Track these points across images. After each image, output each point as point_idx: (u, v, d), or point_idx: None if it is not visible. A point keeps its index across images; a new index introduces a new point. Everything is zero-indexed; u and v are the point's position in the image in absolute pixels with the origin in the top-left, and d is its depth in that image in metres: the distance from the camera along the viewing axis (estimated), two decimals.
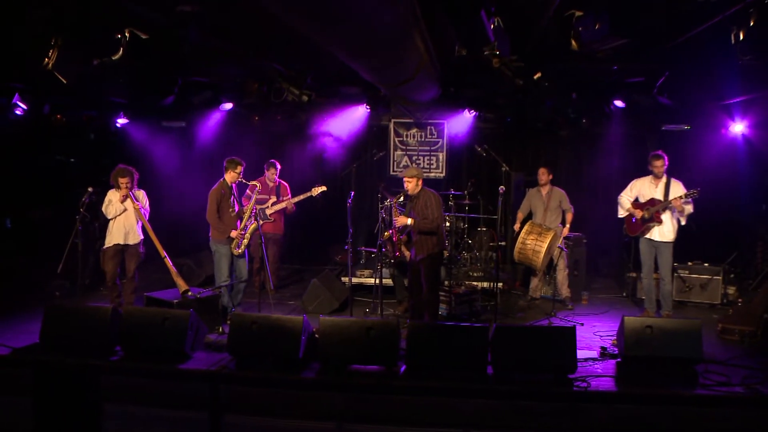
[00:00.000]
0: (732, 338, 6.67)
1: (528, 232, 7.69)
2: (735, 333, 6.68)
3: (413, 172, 6.58)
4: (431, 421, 5.26)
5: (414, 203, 6.60)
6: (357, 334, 5.60)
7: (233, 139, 10.21)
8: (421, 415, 5.31)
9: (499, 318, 7.50)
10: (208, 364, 5.71)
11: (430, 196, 6.58)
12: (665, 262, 7.28)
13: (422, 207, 6.51)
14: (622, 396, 5.19)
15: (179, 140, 10.33)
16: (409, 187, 6.52)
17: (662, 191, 7.25)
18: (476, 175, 10.02)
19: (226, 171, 7.25)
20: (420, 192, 6.63)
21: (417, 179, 6.56)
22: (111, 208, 7.13)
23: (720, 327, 6.81)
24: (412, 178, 6.53)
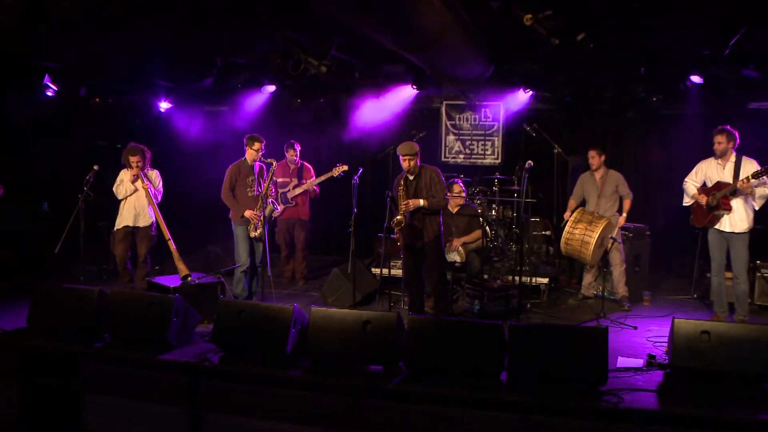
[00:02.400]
0: None
1: (576, 220, 6.72)
2: None
3: (412, 148, 5.82)
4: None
5: (417, 182, 5.86)
6: (352, 328, 4.91)
7: (275, 122, 9.76)
8: (421, 425, 4.55)
9: (539, 317, 6.61)
10: (192, 355, 5.20)
11: (433, 171, 5.91)
12: (739, 256, 6.13)
13: (427, 184, 5.79)
14: (662, 416, 4.20)
15: (222, 124, 9.99)
16: (409, 165, 5.79)
17: (731, 172, 6.11)
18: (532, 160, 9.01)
19: (246, 148, 6.75)
20: (420, 169, 5.90)
21: (416, 156, 5.82)
22: (121, 188, 6.80)
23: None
24: (412, 155, 5.79)
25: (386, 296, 6.60)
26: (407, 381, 4.67)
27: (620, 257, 7.05)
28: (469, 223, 7.04)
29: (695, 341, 4.71)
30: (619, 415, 4.21)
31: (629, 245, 7.27)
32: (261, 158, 6.74)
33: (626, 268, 7.14)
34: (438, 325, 4.80)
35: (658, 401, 4.36)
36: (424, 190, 5.83)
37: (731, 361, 4.60)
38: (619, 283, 7.08)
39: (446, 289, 6.07)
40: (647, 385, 4.66)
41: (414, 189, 5.86)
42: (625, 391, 4.47)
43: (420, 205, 5.76)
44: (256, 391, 4.96)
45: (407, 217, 5.79)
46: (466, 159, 9.56)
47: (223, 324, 5.25)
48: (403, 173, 5.90)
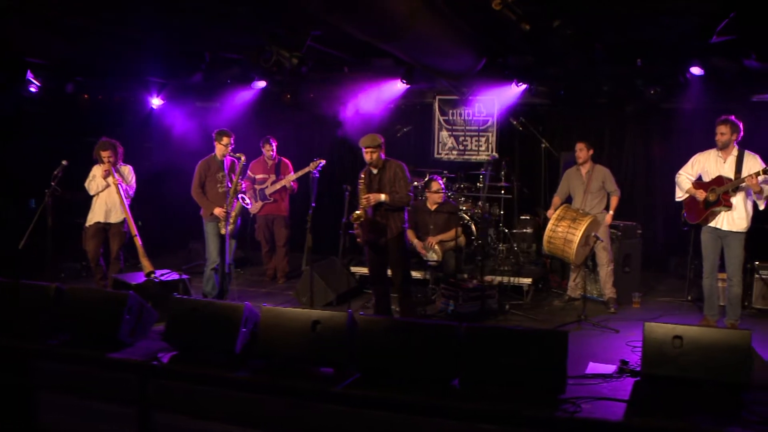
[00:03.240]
0: None
1: (559, 218, 6.41)
2: None
3: (374, 140, 5.56)
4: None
5: (380, 176, 5.60)
6: (301, 328, 4.66)
7: (265, 118, 9.61)
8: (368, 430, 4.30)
9: (518, 319, 6.31)
10: (143, 354, 5.02)
11: (398, 167, 5.65)
12: (734, 257, 5.75)
13: (391, 179, 5.54)
14: (621, 427, 3.88)
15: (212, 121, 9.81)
16: (372, 158, 5.53)
17: (732, 167, 5.72)
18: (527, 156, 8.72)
19: (215, 143, 6.58)
20: (385, 163, 5.66)
21: (379, 149, 5.55)
22: (93, 184, 6.70)
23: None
24: (374, 147, 5.53)
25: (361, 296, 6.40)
26: (355, 384, 4.41)
27: (607, 257, 6.70)
28: (447, 220, 6.76)
29: (667, 347, 4.38)
30: (575, 426, 3.91)
31: (618, 244, 6.92)
32: (231, 153, 6.55)
33: (614, 269, 6.79)
34: (390, 327, 4.55)
35: (623, 411, 4.04)
36: (388, 186, 5.57)
37: (705, 368, 4.26)
38: (606, 284, 6.74)
39: (410, 288, 5.80)
40: (614, 393, 4.32)
41: (377, 183, 5.60)
42: (587, 400, 4.14)
43: (381, 200, 5.50)
44: (204, 391, 4.76)
45: (369, 213, 5.54)
46: (460, 155, 9.27)
47: (176, 322, 5.05)
48: (367, 167, 5.64)
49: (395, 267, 5.61)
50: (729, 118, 5.84)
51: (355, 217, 5.51)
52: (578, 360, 5.15)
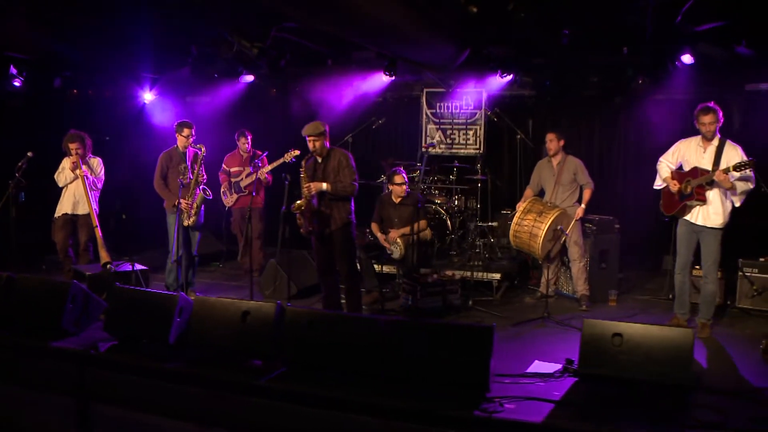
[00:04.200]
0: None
1: (526, 211, 6.19)
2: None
3: (317, 128, 5.40)
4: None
5: (324, 165, 5.45)
6: (232, 319, 4.59)
7: (252, 111, 9.54)
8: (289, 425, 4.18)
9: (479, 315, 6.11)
10: (83, 343, 4.99)
11: (343, 155, 5.49)
12: (709, 254, 5.43)
13: (335, 168, 5.39)
14: (537, 430, 3.68)
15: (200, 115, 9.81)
16: (315, 146, 5.38)
17: (711, 158, 5.37)
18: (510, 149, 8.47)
19: (176, 135, 6.56)
20: (329, 152, 5.52)
21: (322, 137, 5.40)
22: (61, 176, 6.73)
23: (764, 345, 4.90)
24: (316, 136, 5.37)
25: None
26: (280, 378, 4.30)
27: (579, 252, 6.42)
28: (411, 213, 6.57)
29: (606, 345, 4.16)
30: (492, 426, 3.72)
31: (593, 239, 6.63)
32: (192, 144, 6.50)
33: (587, 264, 6.50)
34: (315, 319, 4.40)
35: (548, 413, 3.83)
36: (332, 174, 5.42)
37: (644, 369, 4.03)
38: (579, 280, 6.45)
39: (357, 282, 5.63)
40: (548, 393, 4.13)
41: (321, 172, 5.45)
42: (514, 400, 3.97)
43: (323, 189, 5.34)
44: (138, 382, 4.71)
45: (314, 202, 5.40)
46: (447, 149, 9.04)
47: (115, 312, 5.04)
48: (312, 156, 5.50)
49: (340, 259, 5.46)
50: (710, 106, 5.46)
51: (296, 207, 5.37)
52: (528, 358, 4.96)
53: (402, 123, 9.47)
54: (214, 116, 9.55)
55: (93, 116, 9.61)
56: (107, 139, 10.25)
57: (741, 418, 3.77)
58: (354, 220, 5.57)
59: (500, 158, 8.86)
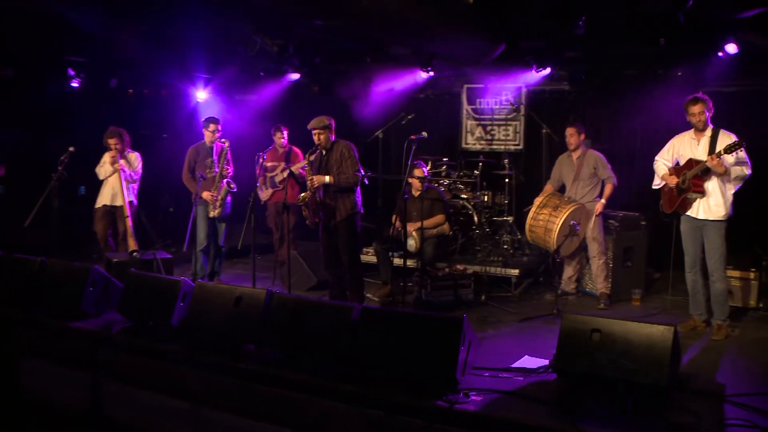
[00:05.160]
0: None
1: (542, 205, 6.08)
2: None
3: (321, 121, 5.51)
4: (279, 418, 4.26)
5: (327, 157, 5.53)
6: (226, 304, 4.75)
7: (294, 109, 9.79)
8: (273, 409, 4.32)
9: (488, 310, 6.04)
10: (100, 325, 5.32)
11: (345, 147, 5.55)
12: (713, 248, 5.19)
13: (338, 160, 5.47)
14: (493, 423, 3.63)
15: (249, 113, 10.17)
16: (320, 139, 5.48)
17: (705, 149, 5.17)
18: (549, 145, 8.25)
19: (204, 131, 6.87)
20: (333, 144, 5.60)
21: (327, 131, 5.48)
22: (101, 170, 7.17)
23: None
24: (321, 129, 5.47)
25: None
26: (263, 362, 4.44)
27: (598, 248, 6.22)
28: (430, 207, 6.57)
29: (583, 341, 4.03)
30: (451, 416, 3.71)
31: (616, 236, 6.40)
32: (218, 139, 6.78)
33: (607, 261, 6.29)
34: (296, 305, 4.52)
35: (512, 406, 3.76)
36: (335, 166, 5.52)
37: (620, 367, 3.88)
38: (598, 278, 6.26)
39: (358, 273, 5.69)
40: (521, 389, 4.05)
41: (325, 165, 5.57)
42: (482, 392, 3.93)
43: (325, 182, 5.46)
44: (142, 362, 4.99)
45: (320, 194, 5.52)
46: (488, 145, 8.95)
47: (127, 296, 5.33)
48: (318, 148, 5.62)
49: (343, 250, 5.55)
50: (698, 96, 5.26)
51: (300, 199, 5.52)
52: (522, 353, 4.87)
53: (442, 119, 9.44)
54: (260, 113, 9.88)
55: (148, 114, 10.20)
56: (164, 136, 10.88)
57: (716, 422, 3.57)
58: (360, 210, 5.66)
59: (539, 154, 8.67)
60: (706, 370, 4.56)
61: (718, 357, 4.83)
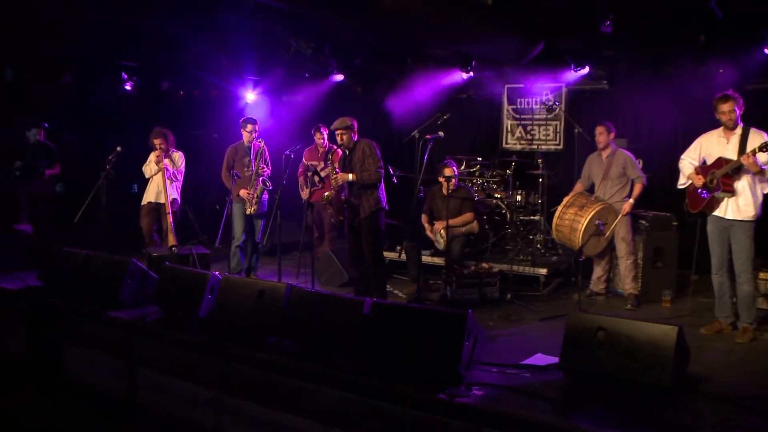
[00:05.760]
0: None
1: (568, 204, 6.06)
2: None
3: (344, 122, 5.70)
4: (295, 407, 4.45)
5: (350, 156, 5.69)
6: (250, 297, 4.98)
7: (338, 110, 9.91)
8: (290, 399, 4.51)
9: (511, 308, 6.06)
10: (136, 315, 5.63)
11: (367, 145, 5.71)
12: (741, 249, 5.05)
13: (360, 159, 5.62)
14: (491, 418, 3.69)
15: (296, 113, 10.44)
16: (343, 139, 5.64)
17: (735, 147, 5.03)
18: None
19: (242, 131, 7.16)
20: (356, 144, 5.76)
21: (349, 131, 5.65)
22: (147, 168, 7.52)
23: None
24: (344, 129, 5.64)
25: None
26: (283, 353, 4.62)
27: (627, 249, 6.14)
28: (460, 206, 6.64)
29: (588, 340, 4.08)
30: (452, 409, 3.80)
31: (646, 237, 6.30)
32: (255, 139, 7.06)
33: (636, 262, 6.20)
34: (312, 300, 4.71)
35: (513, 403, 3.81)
36: (357, 165, 5.67)
37: (624, 365, 3.90)
38: (626, 278, 6.17)
39: (381, 269, 5.79)
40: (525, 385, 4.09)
41: (348, 164, 5.73)
42: (486, 387, 4.00)
43: (348, 180, 5.61)
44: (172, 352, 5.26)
45: (345, 192, 5.69)
46: (528, 144, 8.91)
47: (162, 288, 5.63)
48: (342, 148, 5.79)
49: (366, 246, 5.68)
50: (728, 94, 5.11)
51: (325, 198, 5.70)
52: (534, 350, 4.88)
53: (483, 119, 9.46)
54: (306, 114, 10.12)
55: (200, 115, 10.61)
56: (215, 136, 11.29)
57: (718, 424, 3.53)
58: (385, 207, 5.79)
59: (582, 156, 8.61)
60: (722, 372, 4.45)
61: (738, 360, 4.71)
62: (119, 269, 5.83)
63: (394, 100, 9.39)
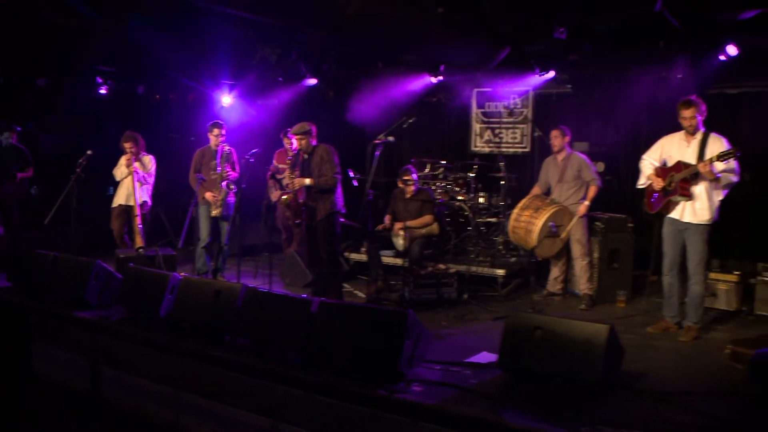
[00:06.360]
0: (740, 366, 4.49)
1: (524, 207, 6.22)
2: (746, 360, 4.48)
3: (302, 127, 5.85)
4: (244, 403, 4.59)
5: (309, 161, 5.84)
6: (207, 297, 5.12)
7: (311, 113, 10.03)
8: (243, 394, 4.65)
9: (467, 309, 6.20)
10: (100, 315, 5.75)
11: (325, 150, 5.87)
12: (695, 252, 5.21)
13: (317, 163, 5.77)
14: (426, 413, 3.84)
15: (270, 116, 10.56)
16: (302, 144, 5.79)
17: (695, 152, 5.18)
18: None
19: (209, 135, 7.32)
20: (314, 148, 5.93)
21: (308, 136, 5.79)
22: (118, 172, 7.65)
23: (730, 350, 4.64)
24: (302, 134, 5.80)
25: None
26: (236, 351, 4.76)
27: (581, 250, 6.30)
28: (420, 208, 6.79)
29: (525, 338, 4.23)
30: (390, 404, 3.95)
31: (601, 238, 6.46)
32: (222, 143, 7.19)
33: (590, 263, 6.36)
34: (265, 299, 4.86)
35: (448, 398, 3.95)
36: (315, 169, 5.83)
37: (557, 363, 4.05)
38: (581, 279, 6.34)
39: (336, 271, 5.95)
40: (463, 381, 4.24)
41: (307, 168, 5.88)
42: (427, 384, 4.14)
43: (305, 184, 5.77)
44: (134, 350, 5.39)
45: (302, 196, 5.83)
46: (496, 147, 9.09)
47: (127, 289, 5.76)
48: (300, 153, 5.94)
49: (322, 248, 5.83)
50: (691, 99, 5.26)
51: (283, 201, 5.86)
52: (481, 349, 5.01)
53: (453, 122, 9.62)
54: (281, 117, 10.24)
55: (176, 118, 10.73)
56: (192, 139, 11.40)
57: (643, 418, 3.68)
58: (341, 210, 5.94)
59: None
60: (660, 369, 4.61)
61: (678, 358, 4.87)
62: (85, 270, 5.95)
63: (366, 104, 9.52)
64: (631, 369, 4.53)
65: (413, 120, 7.73)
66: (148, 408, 5.19)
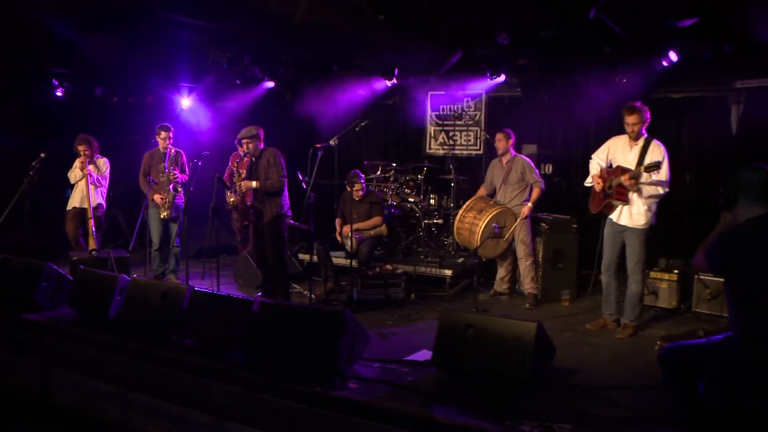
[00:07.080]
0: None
1: (468, 208, 6.40)
2: None
3: (249, 131, 5.99)
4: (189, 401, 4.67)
5: (256, 164, 5.96)
6: (154, 298, 5.19)
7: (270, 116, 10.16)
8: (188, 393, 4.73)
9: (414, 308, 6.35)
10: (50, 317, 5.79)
11: (272, 154, 6.00)
12: (633, 253, 5.43)
13: (264, 167, 5.88)
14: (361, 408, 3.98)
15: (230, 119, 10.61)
16: (249, 148, 5.91)
17: (636, 157, 5.39)
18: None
19: (156, 138, 7.41)
20: (262, 152, 6.04)
21: (255, 140, 5.93)
22: (72, 174, 7.67)
23: (659, 346, 4.85)
24: (249, 138, 5.93)
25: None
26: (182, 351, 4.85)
27: (525, 250, 6.50)
28: (369, 210, 6.95)
29: (458, 336, 4.38)
30: (326, 401, 4.08)
31: (545, 239, 6.66)
32: (169, 146, 7.27)
33: (534, 263, 6.56)
34: (209, 300, 4.96)
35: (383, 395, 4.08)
36: (263, 173, 5.95)
37: (488, 360, 4.21)
38: (526, 279, 6.54)
39: (282, 272, 6.07)
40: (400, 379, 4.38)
41: (254, 171, 5.99)
42: (363, 381, 4.28)
43: (252, 187, 5.88)
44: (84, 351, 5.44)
45: (250, 199, 5.94)
46: (450, 150, 9.26)
47: (77, 291, 5.81)
48: (248, 156, 6.05)
49: (269, 250, 5.95)
50: (636, 106, 5.46)
51: (230, 204, 5.96)
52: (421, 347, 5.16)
53: (409, 125, 9.78)
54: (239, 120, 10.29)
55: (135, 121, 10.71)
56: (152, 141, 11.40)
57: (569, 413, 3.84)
58: (288, 213, 6.06)
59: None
60: (592, 365, 4.81)
61: (612, 354, 5.07)
62: (35, 273, 5.98)
63: (322, 107, 9.65)
64: (564, 365, 4.74)
65: (366, 123, 7.84)
66: (97, 407, 5.25)
